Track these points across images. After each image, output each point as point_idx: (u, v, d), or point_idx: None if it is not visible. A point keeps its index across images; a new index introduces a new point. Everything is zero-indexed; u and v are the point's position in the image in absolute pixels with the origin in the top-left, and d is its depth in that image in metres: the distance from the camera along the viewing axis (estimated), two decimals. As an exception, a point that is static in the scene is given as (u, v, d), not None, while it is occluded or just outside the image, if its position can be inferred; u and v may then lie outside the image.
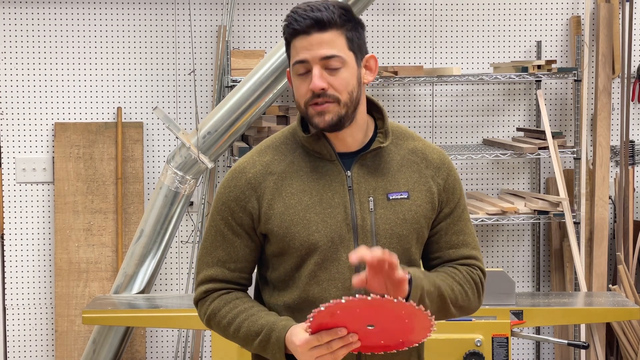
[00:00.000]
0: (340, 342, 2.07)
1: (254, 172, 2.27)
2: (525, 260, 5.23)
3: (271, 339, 2.18)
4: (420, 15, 5.12)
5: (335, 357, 2.10)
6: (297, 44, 2.21)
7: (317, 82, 2.18)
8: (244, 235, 2.28)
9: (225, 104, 4.46)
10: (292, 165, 2.27)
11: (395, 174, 2.28)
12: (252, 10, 5.04)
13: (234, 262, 2.29)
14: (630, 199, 5.08)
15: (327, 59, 2.19)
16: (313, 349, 2.09)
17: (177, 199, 4.50)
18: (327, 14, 2.19)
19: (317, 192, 2.24)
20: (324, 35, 2.19)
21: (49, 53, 4.96)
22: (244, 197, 2.26)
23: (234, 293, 2.30)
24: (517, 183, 5.22)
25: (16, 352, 5.02)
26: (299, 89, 2.23)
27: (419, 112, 5.13)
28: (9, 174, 4.97)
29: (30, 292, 5.01)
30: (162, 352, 5.10)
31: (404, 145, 2.32)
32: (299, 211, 2.23)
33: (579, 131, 4.87)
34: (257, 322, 2.22)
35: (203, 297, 2.31)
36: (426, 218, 2.29)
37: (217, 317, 2.28)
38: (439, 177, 2.32)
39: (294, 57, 2.22)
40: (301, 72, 2.21)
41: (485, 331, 3.57)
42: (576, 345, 3.78)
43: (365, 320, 2.06)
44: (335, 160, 2.26)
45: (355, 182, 2.25)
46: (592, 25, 5.15)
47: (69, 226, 4.92)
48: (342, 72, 2.20)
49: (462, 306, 2.31)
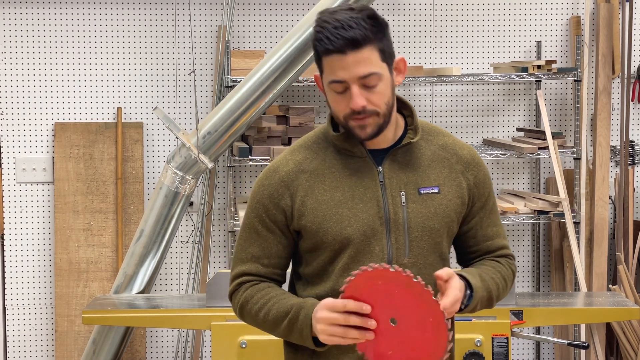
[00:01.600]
0: (358, 319, 2.09)
1: (286, 171, 2.32)
2: (525, 260, 5.23)
3: (299, 316, 2.22)
4: (420, 15, 5.12)
5: (345, 334, 2.11)
6: (332, 62, 2.20)
7: (358, 101, 2.20)
8: (277, 232, 2.33)
9: (225, 104, 4.45)
10: (324, 163, 2.31)
11: (426, 169, 2.33)
12: (252, 10, 5.04)
13: (267, 258, 2.34)
14: (630, 199, 5.08)
15: (364, 78, 2.20)
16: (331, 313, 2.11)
17: (177, 199, 4.50)
18: (361, 32, 2.18)
19: (349, 187, 2.29)
20: (360, 54, 2.19)
21: (48, 53, 4.96)
22: (277, 194, 2.31)
23: (267, 283, 2.34)
24: (517, 183, 5.22)
25: (16, 352, 5.02)
26: (337, 105, 2.25)
27: (419, 112, 5.13)
28: (9, 174, 4.98)
29: (30, 292, 5.01)
30: (162, 352, 5.10)
31: (434, 141, 2.37)
32: (332, 207, 2.27)
33: (579, 131, 4.87)
34: (287, 302, 2.26)
35: (236, 289, 2.36)
36: (456, 212, 2.34)
37: (249, 304, 2.32)
38: (469, 172, 2.37)
39: (328, 75, 2.22)
40: (339, 91, 2.23)
41: (485, 331, 3.57)
42: (576, 345, 3.78)
43: (391, 309, 2.08)
44: (366, 157, 2.31)
45: (387, 177, 2.30)
46: (592, 25, 5.15)
47: (69, 226, 4.92)
48: (379, 85, 2.22)
49: (501, 298, 2.40)
